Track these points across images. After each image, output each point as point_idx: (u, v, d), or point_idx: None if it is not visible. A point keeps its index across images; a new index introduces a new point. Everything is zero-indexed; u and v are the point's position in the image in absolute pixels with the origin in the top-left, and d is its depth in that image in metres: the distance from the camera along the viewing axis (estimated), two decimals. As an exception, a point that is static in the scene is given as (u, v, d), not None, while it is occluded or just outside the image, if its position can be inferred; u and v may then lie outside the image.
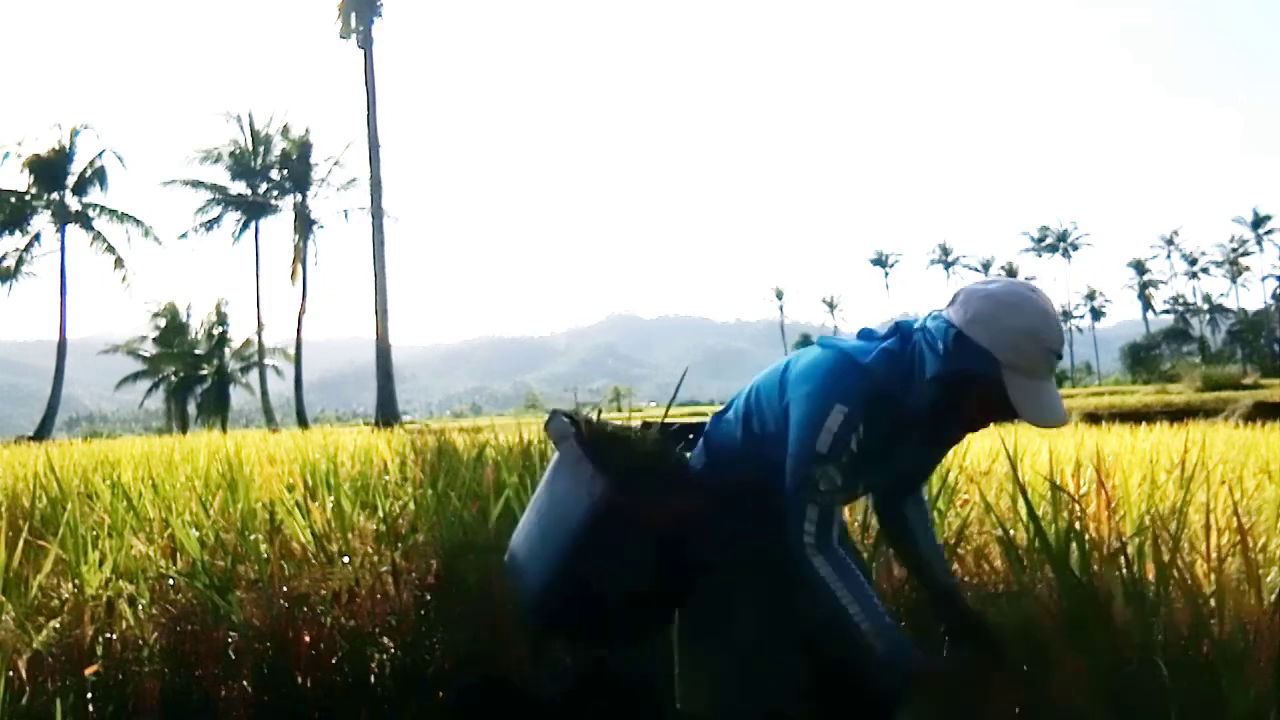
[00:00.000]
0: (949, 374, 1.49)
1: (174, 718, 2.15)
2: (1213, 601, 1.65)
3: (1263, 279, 70.99)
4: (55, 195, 33.59)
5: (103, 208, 34.01)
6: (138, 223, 34.11)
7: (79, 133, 33.98)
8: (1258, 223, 70.31)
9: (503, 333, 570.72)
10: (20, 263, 32.97)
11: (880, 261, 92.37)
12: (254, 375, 39.45)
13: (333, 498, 2.91)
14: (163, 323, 41.80)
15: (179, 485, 3.51)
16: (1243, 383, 27.45)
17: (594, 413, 1.86)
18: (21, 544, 2.39)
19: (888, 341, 1.59)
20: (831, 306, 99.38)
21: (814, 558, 1.53)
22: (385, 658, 2.38)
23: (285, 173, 36.94)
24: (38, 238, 33.47)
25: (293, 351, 37.16)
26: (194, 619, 2.31)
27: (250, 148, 37.18)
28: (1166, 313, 74.38)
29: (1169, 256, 75.89)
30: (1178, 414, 13.58)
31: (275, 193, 37.24)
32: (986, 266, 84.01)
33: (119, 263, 33.63)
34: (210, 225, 36.48)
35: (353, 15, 28.98)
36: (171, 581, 2.46)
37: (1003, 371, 1.43)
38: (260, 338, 38.60)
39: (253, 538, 2.62)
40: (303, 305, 35.98)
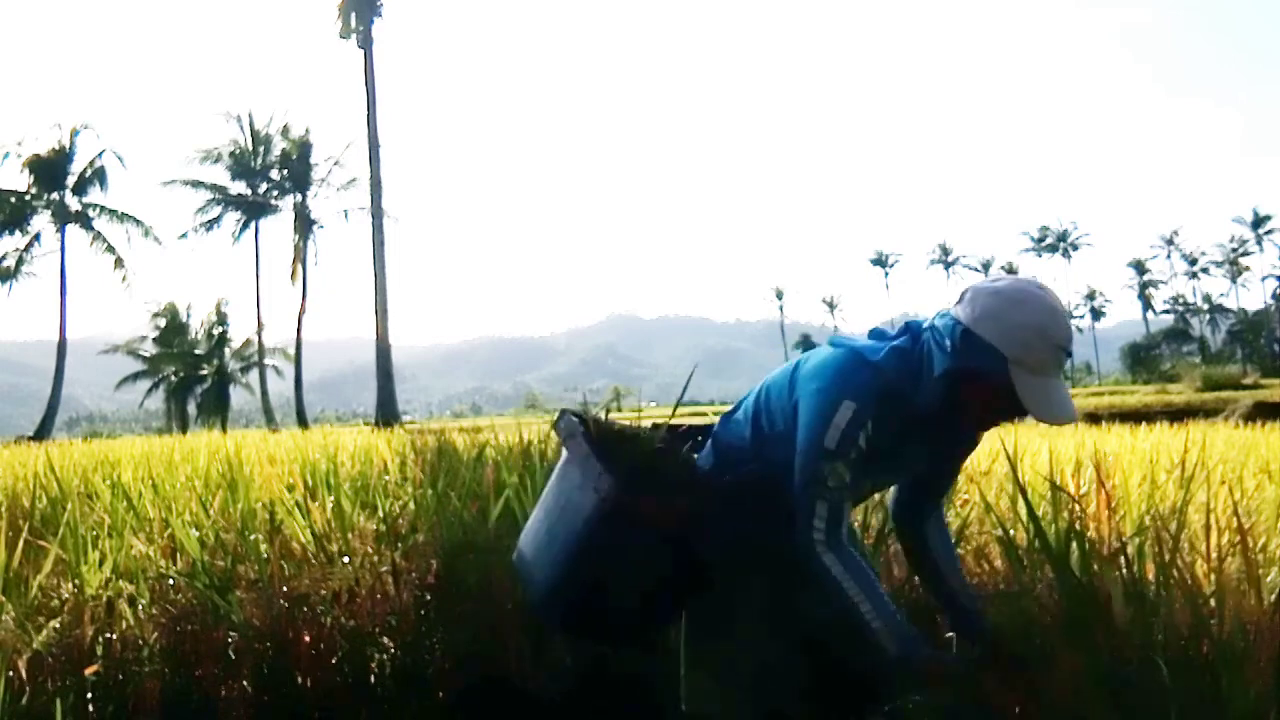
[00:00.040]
0: (956, 371, 1.48)
1: (174, 718, 2.15)
2: (1213, 601, 1.65)
3: (1263, 279, 71.05)
4: (55, 195, 33.60)
5: (103, 208, 34.05)
6: (138, 223, 34.16)
7: (79, 133, 34.04)
8: (1258, 223, 70.31)
9: (503, 333, 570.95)
10: (20, 263, 33.01)
11: (880, 261, 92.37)
12: (254, 375, 39.47)
13: (333, 498, 2.91)
14: (163, 323, 41.79)
15: (179, 485, 3.51)
16: (1243, 383, 27.47)
17: (600, 412, 1.86)
18: (21, 544, 2.39)
19: (898, 340, 1.59)
20: (831, 306, 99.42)
21: (824, 555, 1.53)
22: (385, 658, 2.38)
23: (285, 173, 36.94)
24: (38, 238, 33.52)
25: (293, 351, 37.16)
26: (194, 619, 2.31)
27: (250, 148, 37.18)
28: (1166, 313, 74.38)
29: (1169, 256, 75.92)
30: (1178, 414, 13.59)
31: (275, 193, 37.25)
32: (986, 266, 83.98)
33: (119, 263, 33.67)
34: (210, 225, 36.52)
35: (353, 15, 28.99)
36: (171, 581, 2.46)
37: (1010, 368, 1.42)
38: (260, 338, 38.64)
39: (253, 538, 2.62)
40: (303, 305, 36.01)
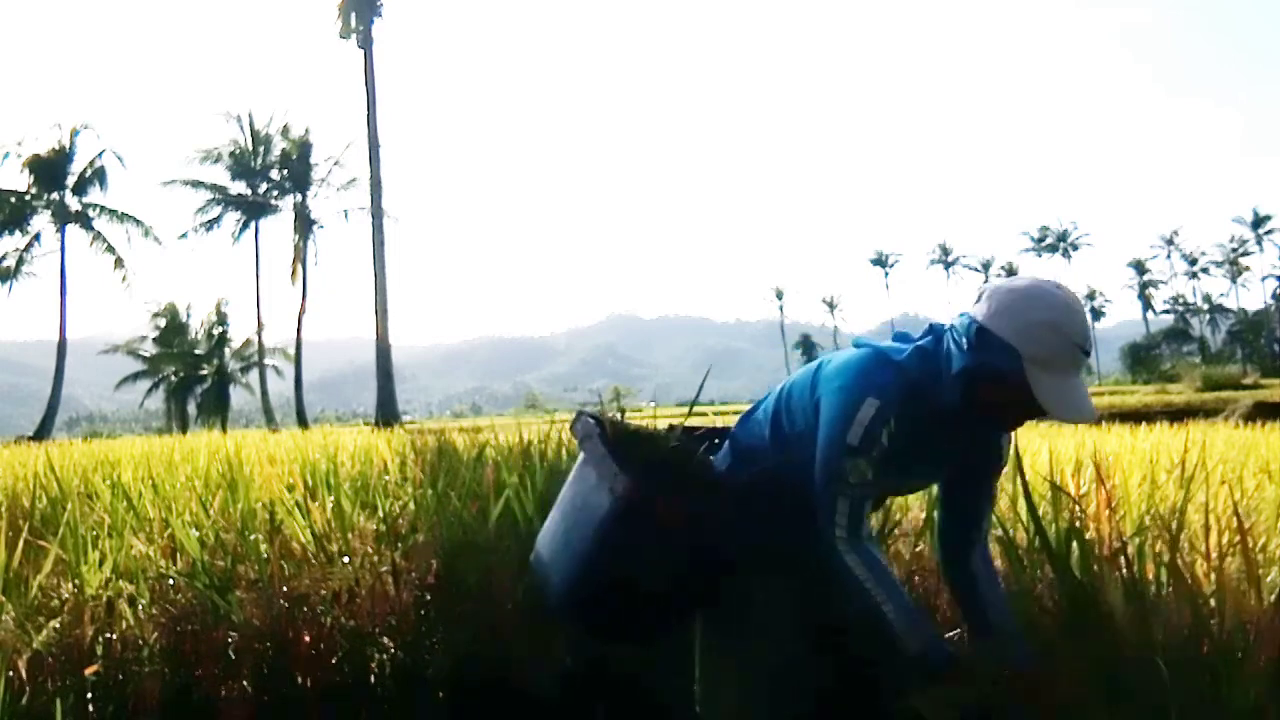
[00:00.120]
0: (973, 368, 1.48)
1: (174, 718, 2.15)
2: (1213, 601, 1.65)
3: (1263, 279, 71.09)
4: (55, 195, 33.62)
5: (103, 208, 34.06)
6: (138, 223, 34.18)
7: (79, 133, 34.07)
8: (1258, 223, 70.34)
9: (503, 333, 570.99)
10: (20, 263, 33.04)
11: (880, 261, 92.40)
12: (254, 375, 39.48)
13: (333, 498, 2.91)
14: (163, 323, 41.81)
15: (179, 485, 3.50)
16: (1243, 383, 27.48)
17: (614, 413, 1.86)
18: (21, 544, 2.39)
19: (922, 340, 1.59)
20: (831, 306, 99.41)
21: (846, 552, 1.53)
22: (385, 658, 2.38)
23: (285, 173, 36.95)
24: (38, 238, 33.55)
25: (293, 351, 37.18)
26: (194, 619, 2.31)
27: (250, 148, 37.20)
28: (1166, 313, 74.39)
29: (1169, 256, 75.93)
30: (1178, 414, 13.61)
31: (275, 193, 37.26)
32: (986, 266, 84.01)
33: (119, 263, 33.69)
34: (210, 225, 36.53)
35: (353, 15, 29.01)
36: (171, 581, 2.46)
37: (1025, 365, 1.42)
38: (260, 338, 38.65)
39: (253, 538, 2.62)
40: (303, 305, 36.02)
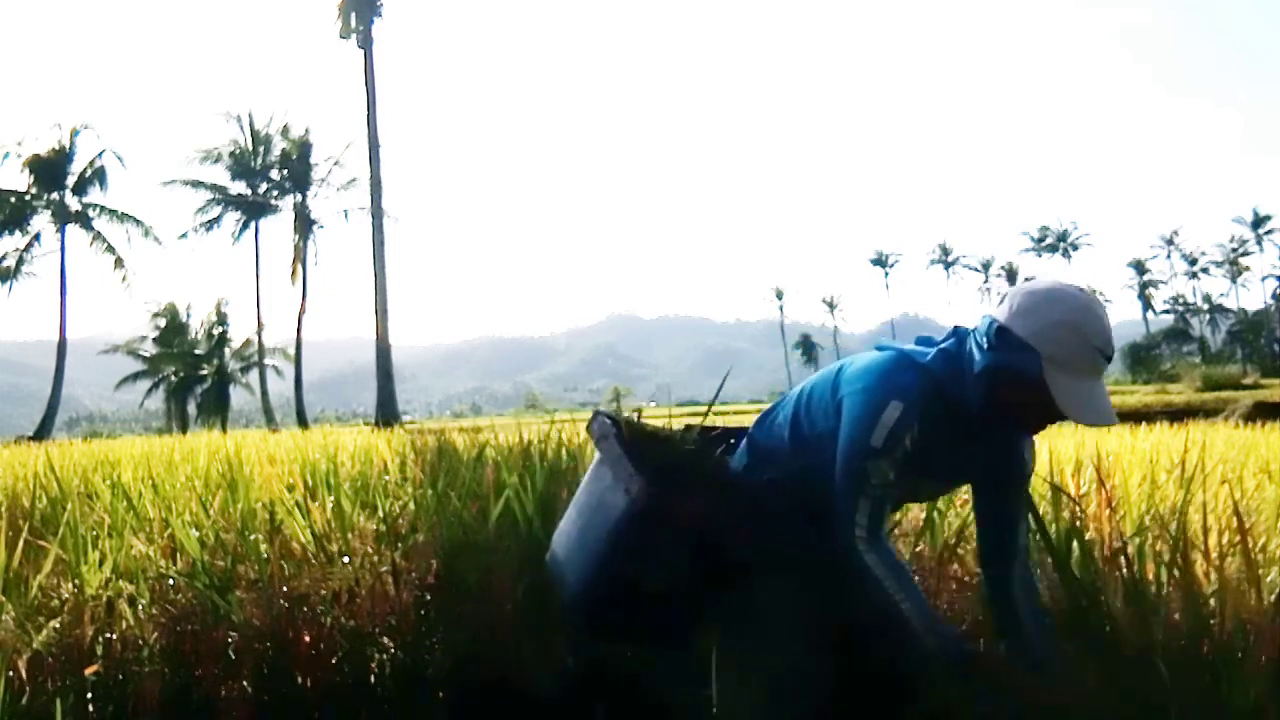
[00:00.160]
0: (993, 368, 1.48)
1: (174, 718, 2.15)
2: (1213, 601, 1.65)
3: (1263, 279, 71.08)
4: (55, 195, 33.61)
5: (103, 208, 34.06)
6: (138, 223, 34.17)
7: (79, 133, 34.06)
8: (1258, 223, 70.33)
9: (503, 333, 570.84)
10: (20, 263, 33.03)
11: (880, 261, 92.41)
12: (254, 375, 39.47)
13: (333, 498, 2.91)
14: (163, 323, 41.79)
15: (179, 485, 3.51)
16: (1243, 383, 27.48)
17: (632, 414, 1.85)
18: (21, 544, 2.39)
19: (945, 342, 1.59)
20: (831, 306, 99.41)
21: (865, 552, 1.53)
22: (385, 658, 2.38)
23: (285, 173, 36.94)
24: (38, 238, 33.54)
25: (293, 351, 37.17)
26: (194, 619, 2.31)
27: (250, 148, 37.19)
28: (1166, 313, 74.37)
29: (1169, 256, 75.92)
30: (1178, 414, 13.61)
31: (275, 193, 37.26)
32: (986, 266, 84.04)
33: (119, 263, 33.69)
34: (210, 225, 36.53)
35: (353, 15, 29.01)
36: (171, 581, 2.46)
37: (1044, 365, 1.42)
38: (260, 338, 38.63)
39: (253, 538, 2.62)
40: (303, 305, 36.01)
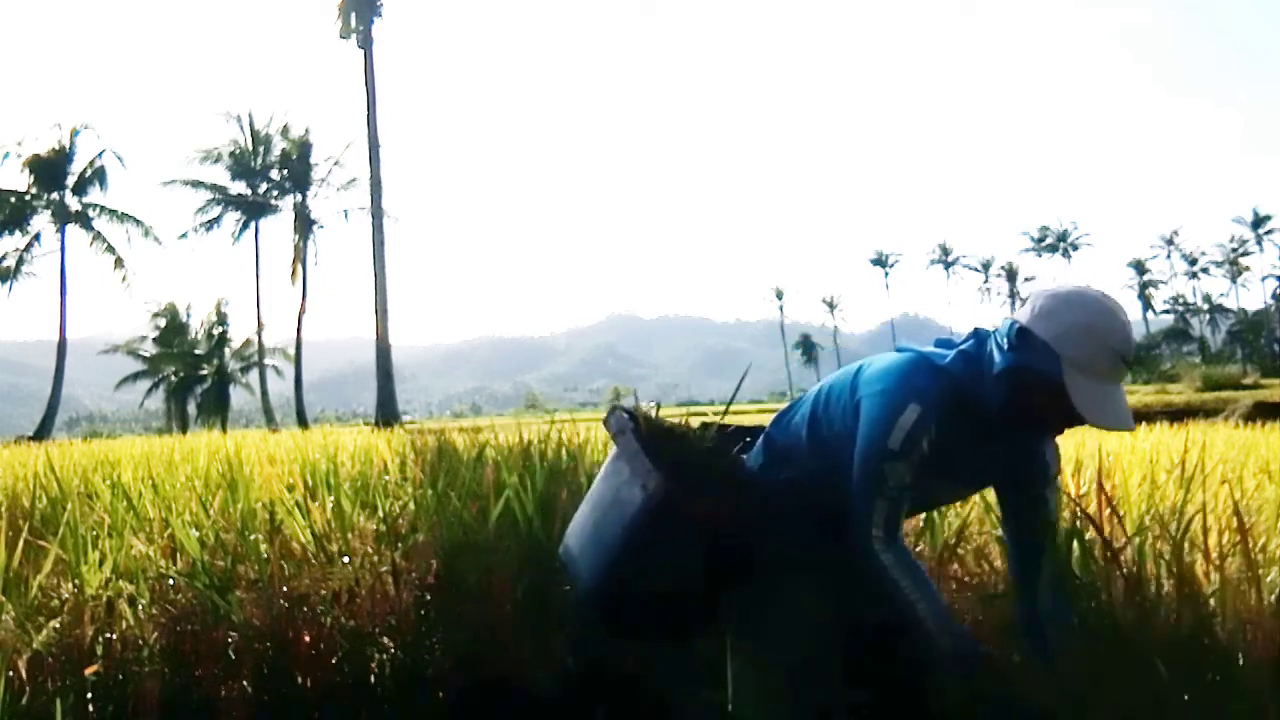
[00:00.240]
0: (1012, 369, 1.48)
1: (174, 718, 2.15)
2: (1213, 601, 1.65)
3: (1263, 279, 71.08)
4: (55, 195, 33.60)
5: (103, 208, 34.05)
6: (138, 223, 34.17)
7: (79, 133, 34.06)
8: (1258, 223, 70.32)
9: (503, 333, 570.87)
10: (20, 263, 33.02)
11: (880, 261, 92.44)
12: (254, 375, 39.46)
13: (333, 498, 2.91)
14: (163, 323, 41.78)
15: (179, 485, 3.50)
16: (1243, 383, 27.45)
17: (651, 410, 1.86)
18: (21, 544, 2.39)
19: (965, 344, 1.59)
20: (831, 306, 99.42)
21: (882, 552, 1.53)
22: (385, 658, 2.38)
23: (285, 173, 36.93)
24: (38, 238, 33.53)
25: (293, 351, 37.17)
26: (194, 619, 2.31)
27: (250, 148, 37.18)
28: (1166, 313, 74.38)
29: (1169, 256, 75.90)
30: (1178, 414, 13.61)
31: (275, 193, 37.25)
32: (986, 266, 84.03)
33: (119, 263, 33.68)
34: (210, 225, 36.52)
35: (353, 15, 29.00)
36: (171, 581, 2.46)
37: (1064, 368, 1.42)
38: (260, 338, 38.63)
39: (253, 538, 2.62)
40: (303, 305, 36.00)
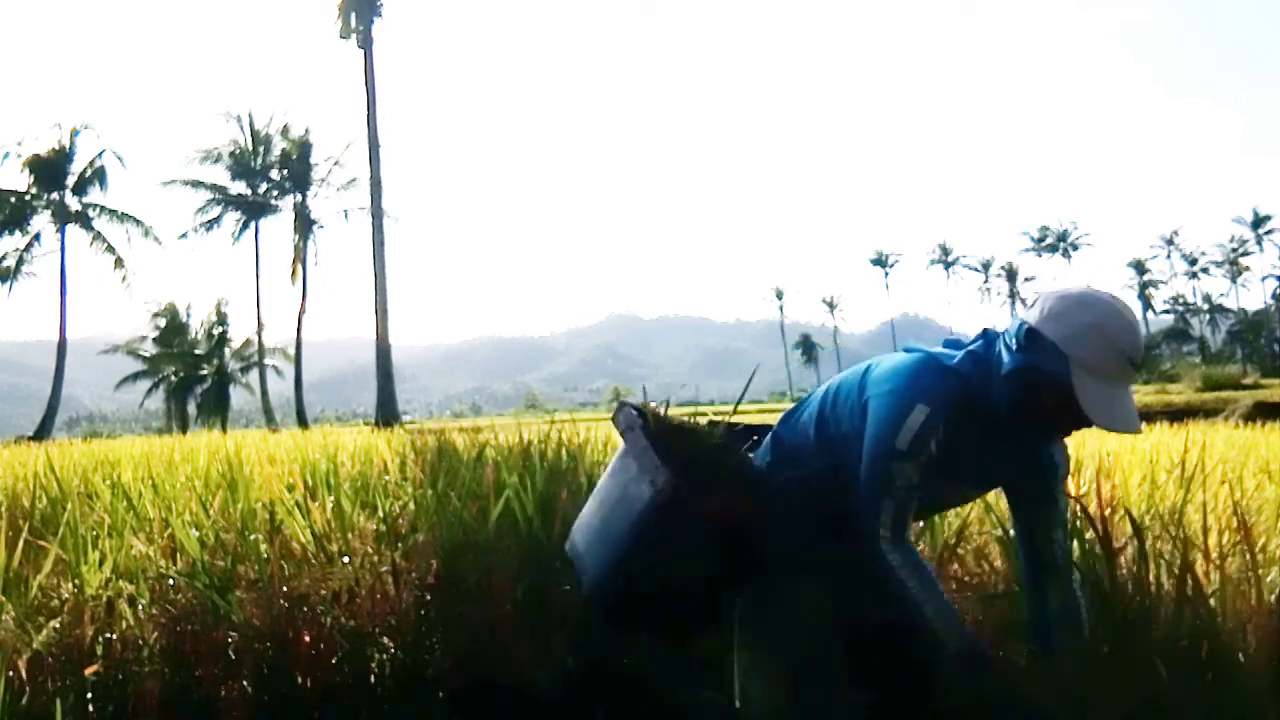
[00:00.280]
0: (1021, 369, 1.48)
1: (174, 718, 2.15)
2: (1213, 601, 1.65)
3: (1263, 279, 71.11)
4: (55, 195, 33.61)
5: (103, 208, 34.05)
6: (138, 223, 34.17)
7: (79, 133, 34.06)
8: (1258, 223, 70.31)
9: (503, 333, 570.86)
10: (20, 263, 33.02)
11: (880, 261, 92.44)
12: (254, 375, 39.46)
13: (333, 498, 2.91)
14: (163, 323, 41.78)
15: (179, 485, 3.50)
16: (1243, 383, 27.46)
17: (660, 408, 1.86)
18: (21, 544, 2.39)
19: (973, 345, 1.59)
20: (831, 306, 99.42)
21: (889, 552, 1.53)
22: (385, 658, 2.38)
23: (285, 173, 36.94)
24: (38, 238, 33.53)
25: (293, 351, 37.17)
26: (194, 619, 2.31)
27: (250, 148, 37.18)
28: (1166, 313, 74.37)
29: (1169, 256, 75.90)
30: (1178, 414, 13.59)
31: (275, 193, 37.24)
32: (986, 266, 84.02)
33: (119, 263, 33.68)
34: (210, 225, 36.52)
35: (353, 15, 29.00)
36: (171, 581, 2.46)
37: (1072, 369, 1.41)
38: (260, 338, 38.63)
39: (253, 538, 2.62)
40: (303, 305, 36.01)
